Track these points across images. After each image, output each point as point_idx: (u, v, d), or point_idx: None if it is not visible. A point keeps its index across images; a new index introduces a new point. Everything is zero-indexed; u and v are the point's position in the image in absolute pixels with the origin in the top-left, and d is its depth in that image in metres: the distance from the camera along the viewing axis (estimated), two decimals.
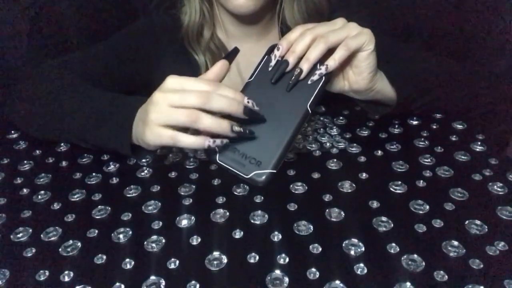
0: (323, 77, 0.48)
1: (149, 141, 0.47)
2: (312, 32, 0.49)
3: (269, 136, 0.46)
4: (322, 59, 0.48)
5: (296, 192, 0.52)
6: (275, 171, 0.44)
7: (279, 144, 0.45)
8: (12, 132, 0.69)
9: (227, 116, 0.45)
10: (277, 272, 0.40)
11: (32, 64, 0.90)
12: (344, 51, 0.49)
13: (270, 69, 0.49)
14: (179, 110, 0.44)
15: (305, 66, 0.48)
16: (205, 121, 0.43)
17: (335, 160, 0.57)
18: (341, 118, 0.68)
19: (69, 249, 0.44)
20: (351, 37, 0.49)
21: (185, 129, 0.45)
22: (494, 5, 0.94)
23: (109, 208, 0.50)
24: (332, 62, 0.48)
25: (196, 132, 0.45)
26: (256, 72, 0.50)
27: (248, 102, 0.45)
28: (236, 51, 0.52)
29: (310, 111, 0.47)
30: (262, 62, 0.50)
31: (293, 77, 0.48)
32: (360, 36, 0.49)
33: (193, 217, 0.48)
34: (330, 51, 0.49)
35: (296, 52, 0.48)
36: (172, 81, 0.46)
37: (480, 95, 0.69)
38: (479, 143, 0.60)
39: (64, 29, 0.96)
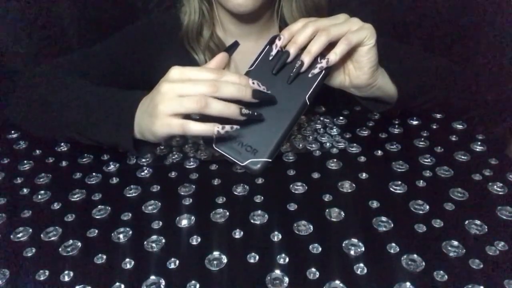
0: (323, 70, 0.48)
1: (158, 131, 0.47)
2: (314, 25, 0.49)
3: (266, 125, 0.46)
4: (323, 52, 0.49)
5: (296, 192, 0.52)
6: (270, 159, 0.45)
7: (276, 133, 0.46)
8: (12, 132, 0.69)
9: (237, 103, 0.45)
10: (277, 272, 0.40)
11: (32, 64, 0.90)
12: (345, 45, 0.49)
13: (271, 58, 0.49)
14: (187, 97, 0.44)
15: (306, 59, 0.48)
16: (214, 106, 0.43)
17: (335, 160, 0.57)
18: (341, 118, 0.68)
19: (69, 249, 0.44)
20: (353, 31, 0.49)
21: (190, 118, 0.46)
22: (495, 5, 0.94)
23: (109, 208, 0.50)
24: (333, 56, 0.48)
25: (203, 119, 0.45)
26: (257, 62, 0.50)
27: (253, 83, 0.46)
28: (236, 44, 0.52)
29: (308, 103, 0.47)
30: (263, 52, 0.50)
31: (294, 70, 0.48)
32: (361, 31, 0.49)
33: (193, 217, 0.48)
34: (331, 45, 0.49)
35: (297, 43, 0.48)
36: (177, 72, 0.46)
37: (480, 95, 0.69)
38: (479, 143, 0.60)
39: (64, 29, 0.96)
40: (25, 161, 0.60)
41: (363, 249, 0.43)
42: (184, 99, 0.44)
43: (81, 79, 0.64)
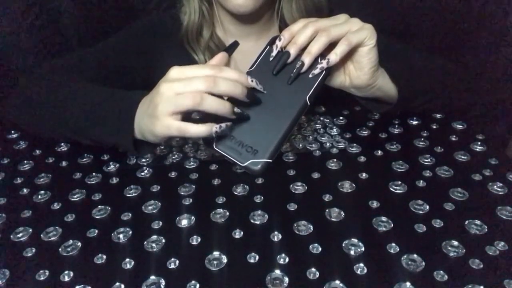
0: (324, 71, 0.49)
1: (158, 132, 0.47)
2: (314, 25, 0.49)
3: (267, 126, 0.46)
4: (323, 53, 0.49)
5: (296, 192, 0.52)
6: (270, 160, 0.45)
7: (276, 134, 0.46)
8: (12, 132, 0.69)
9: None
10: (277, 272, 0.40)
11: (32, 64, 0.90)
12: (346, 46, 0.49)
13: (271, 59, 0.49)
14: (183, 95, 0.44)
15: (307, 59, 0.48)
16: (209, 102, 0.44)
17: (335, 160, 0.57)
18: (341, 118, 0.68)
19: (69, 249, 0.44)
20: (353, 31, 0.49)
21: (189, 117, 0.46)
22: (495, 5, 0.94)
23: (109, 208, 0.50)
24: (334, 57, 0.48)
25: (199, 121, 0.45)
26: (257, 63, 0.50)
27: (252, 81, 0.46)
28: (236, 44, 0.52)
29: (308, 104, 0.47)
30: (264, 53, 0.50)
31: (295, 70, 0.48)
32: (362, 31, 0.50)
33: (193, 217, 0.48)
34: (331, 45, 0.49)
35: (298, 44, 0.48)
36: (176, 71, 0.47)
37: (480, 95, 0.69)
38: (479, 143, 0.60)
39: (64, 29, 0.96)
40: (25, 161, 0.60)
41: (363, 249, 0.43)
42: (180, 97, 0.44)
43: (81, 80, 0.64)
